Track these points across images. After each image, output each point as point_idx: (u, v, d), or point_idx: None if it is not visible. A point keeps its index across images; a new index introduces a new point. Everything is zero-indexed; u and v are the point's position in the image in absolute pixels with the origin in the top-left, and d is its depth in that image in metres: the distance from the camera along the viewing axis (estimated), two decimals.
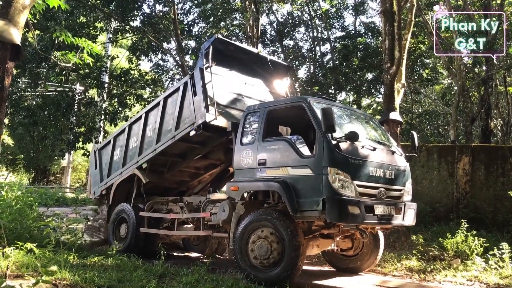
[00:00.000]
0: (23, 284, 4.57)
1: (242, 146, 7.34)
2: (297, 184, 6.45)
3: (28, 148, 31.34)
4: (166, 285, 5.76)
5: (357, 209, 6.20)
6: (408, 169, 7.45)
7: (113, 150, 10.42)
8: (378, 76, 19.28)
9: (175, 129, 8.67)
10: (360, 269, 8.04)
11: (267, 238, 6.55)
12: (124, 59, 21.32)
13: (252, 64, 9.47)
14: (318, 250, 7.33)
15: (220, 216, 7.42)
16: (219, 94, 8.31)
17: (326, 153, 6.25)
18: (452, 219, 10.90)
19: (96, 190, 10.78)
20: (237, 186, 7.26)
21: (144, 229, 9.17)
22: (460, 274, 7.81)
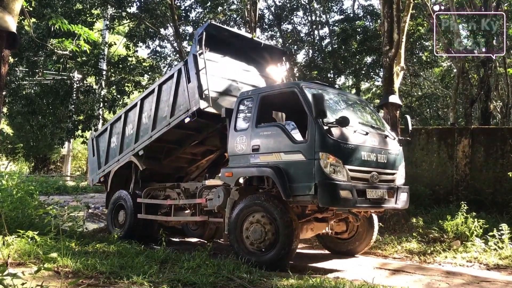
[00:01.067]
0: (25, 271, 4.58)
1: (236, 132, 7.40)
2: (290, 169, 6.54)
3: (27, 137, 31.31)
4: (168, 271, 5.79)
5: (349, 193, 6.30)
6: (401, 153, 7.52)
7: (110, 138, 10.45)
8: (377, 60, 19.19)
9: (170, 116, 8.69)
10: (355, 252, 8.13)
11: (260, 222, 6.67)
12: (122, 46, 21.12)
13: (246, 50, 9.44)
14: (312, 233, 7.45)
15: (215, 202, 7.52)
16: (214, 81, 8.31)
17: (318, 138, 6.34)
18: (452, 201, 10.94)
19: (95, 177, 10.85)
20: (231, 172, 7.33)
21: (142, 215, 9.23)
22: (460, 255, 7.87)
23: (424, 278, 6.45)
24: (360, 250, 8.13)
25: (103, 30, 22.27)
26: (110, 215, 9.94)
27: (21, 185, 9.65)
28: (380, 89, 22.28)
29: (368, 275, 5.86)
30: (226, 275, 5.58)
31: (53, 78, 20.18)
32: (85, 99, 19.82)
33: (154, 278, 5.37)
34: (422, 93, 25.97)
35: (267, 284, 5.33)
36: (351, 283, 5.38)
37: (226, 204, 7.28)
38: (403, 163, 7.53)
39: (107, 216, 10.18)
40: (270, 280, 5.48)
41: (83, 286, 4.84)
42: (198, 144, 9.26)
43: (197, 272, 5.65)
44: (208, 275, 5.52)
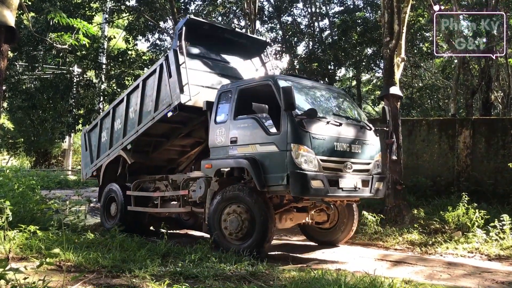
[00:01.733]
0: (27, 266, 4.61)
1: (216, 124, 7.57)
2: (265, 161, 6.74)
3: (28, 131, 31.29)
4: (169, 264, 5.81)
5: (320, 183, 6.48)
6: (377, 143, 7.66)
7: (100, 132, 10.59)
8: (378, 51, 19.11)
9: (154, 111, 8.79)
10: (337, 241, 8.27)
11: (237, 212, 6.87)
12: (121, 40, 21.06)
13: (228, 42, 9.51)
14: (291, 223, 7.59)
15: (197, 193, 7.72)
16: (195, 74, 8.42)
17: (290, 130, 6.52)
18: (453, 192, 10.94)
19: (88, 172, 10.99)
20: (210, 163, 7.56)
21: (132, 207, 9.38)
22: (461, 246, 7.87)
23: (425, 269, 6.46)
24: (342, 239, 8.26)
25: (102, 23, 22.21)
26: (103, 208, 10.08)
27: (22, 180, 9.67)
28: (381, 81, 22.22)
29: (369, 266, 5.87)
30: (228, 268, 5.60)
31: (53, 73, 20.15)
32: (85, 93, 19.79)
33: (156, 271, 5.39)
34: (422, 84, 25.89)
35: (269, 276, 5.34)
36: (353, 274, 5.39)
37: (207, 195, 7.46)
38: (380, 153, 7.67)
39: (100, 209, 10.34)
40: (272, 273, 5.49)
41: (85, 280, 4.85)
42: (185, 136, 9.35)
43: (199, 265, 5.67)
44: (210, 268, 5.54)
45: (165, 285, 4.56)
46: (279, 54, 21.50)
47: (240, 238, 6.85)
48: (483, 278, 5.94)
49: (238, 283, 4.87)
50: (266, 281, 5.04)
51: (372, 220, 9.12)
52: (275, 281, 4.97)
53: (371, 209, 10.03)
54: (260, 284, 4.85)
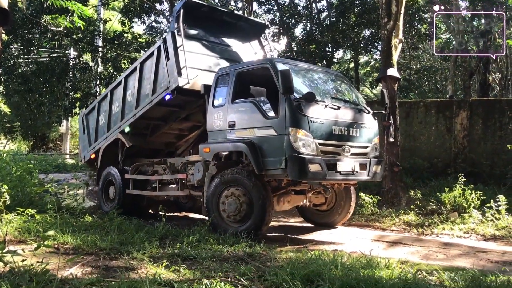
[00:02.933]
0: (25, 249, 4.63)
1: (214, 108, 7.55)
2: (263, 145, 6.75)
3: (25, 115, 31.19)
4: (168, 246, 5.85)
5: (318, 166, 6.48)
6: (375, 126, 7.64)
7: (98, 115, 10.53)
8: (376, 33, 18.93)
9: (152, 94, 8.75)
10: (334, 223, 8.33)
11: (236, 195, 6.90)
12: (117, 22, 20.83)
13: (227, 25, 9.41)
14: (289, 205, 7.64)
15: (195, 177, 7.74)
16: (193, 57, 8.33)
17: (288, 114, 6.50)
18: (450, 174, 10.99)
19: (86, 155, 10.95)
20: (208, 147, 7.55)
21: (130, 190, 9.39)
22: (457, 227, 7.94)
23: (421, 250, 6.53)
24: (339, 221, 8.32)
25: (97, 6, 21.94)
26: (101, 191, 10.09)
27: (20, 164, 9.66)
28: (379, 62, 22.11)
29: (366, 247, 5.91)
30: (226, 249, 5.64)
31: (49, 56, 19.97)
32: (82, 77, 19.63)
33: (154, 253, 5.43)
34: (420, 66, 25.79)
35: (266, 257, 5.38)
36: (349, 255, 5.44)
37: (205, 179, 7.47)
38: (378, 136, 7.68)
39: (98, 192, 10.32)
40: (269, 254, 5.54)
41: (83, 262, 4.88)
42: (183, 120, 9.31)
43: (197, 247, 5.71)
44: (208, 249, 5.57)
45: (163, 266, 4.60)
46: (277, 36, 21.30)
47: (238, 221, 6.89)
48: (478, 258, 6.01)
49: (235, 264, 4.90)
50: (264, 262, 5.08)
51: (369, 202, 9.17)
52: (273, 262, 5.01)
53: (368, 190, 10.08)
54: (257, 265, 4.89)
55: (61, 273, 4.20)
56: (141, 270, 4.66)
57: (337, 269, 4.46)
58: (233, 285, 4.07)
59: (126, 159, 9.89)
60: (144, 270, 4.62)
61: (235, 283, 4.14)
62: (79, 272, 4.45)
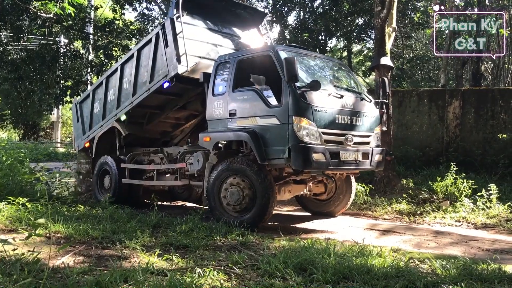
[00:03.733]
0: (16, 238, 4.59)
1: (214, 96, 7.42)
2: (265, 134, 6.64)
3: (15, 103, 30.94)
4: (160, 235, 5.84)
5: (321, 156, 6.42)
6: (377, 115, 7.59)
7: (92, 103, 10.38)
8: (369, 21, 18.90)
9: (149, 81, 8.64)
10: (334, 212, 8.30)
11: (238, 185, 6.80)
12: (108, 9, 20.60)
13: (226, 12, 9.31)
14: (290, 195, 7.60)
15: (195, 166, 7.64)
16: (192, 44, 8.21)
17: (292, 103, 6.39)
18: (442, 163, 11.05)
19: (80, 143, 10.83)
20: (209, 136, 7.43)
21: (126, 180, 9.30)
22: (449, 215, 7.99)
23: (413, 238, 6.56)
24: (338, 211, 8.30)
25: None
26: (96, 180, 9.98)
27: (10, 152, 9.57)
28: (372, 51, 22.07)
29: (358, 235, 5.94)
30: (219, 238, 5.64)
31: (39, 43, 19.74)
32: (73, 64, 19.43)
33: (146, 242, 5.41)
34: (413, 55, 25.80)
35: (259, 246, 5.39)
36: (342, 243, 5.46)
37: (205, 168, 7.38)
38: (379, 125, 7.64)
39: (93, 181, 10.23)
40: (262, 242, 5.54)
41: (76, 251, 4.86)
42: (180, 108, 9.23)
43: (190, 236, 5.70)
44: (201, 238, 5.57)
45: (156, 255, 4.59)
46: (270, 24, 21.17)
47: (240, 211, 6.80)
48: (469, 246, 6.05)
49: (228, 253, 4.90)
50: (257, 251, 5.08)
51: (361, 191, 9.21)
52: (265, 251, 5.01)
53: (360, 179, 10.09)
54: (250, 253, 4.89)
55: (52, 262, 4.18)
56: (133, 259, 4.65)
57: (329, 257, 4.47)
58: (226, 274, 4.07)
59: (120, 148, 9.78)
60: (136, 259, 4.61)
61: (228, 272, 4.14)
62: (71, 261, 4.42)
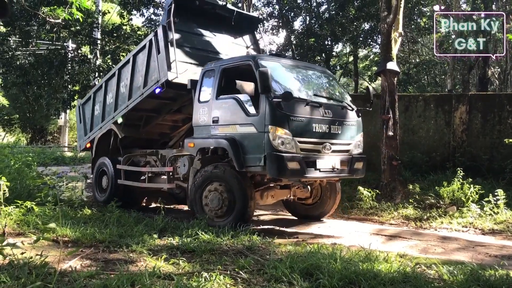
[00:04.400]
0: (24, 241, 4.62)
1: (200, 103, 7.60)
2: (244, 141, 6.80)
3: (23, 108, 31.12)
4: (167, 239, 5.85)
5: (296, 164, 6.56)
6: (359, 123, 7.66)
7: (93, 106, 10.67)
8: (375, 26, 18.91)
9: (143, 86, 8.84)
10: (320, 216, 8.39)
11: (218, 191, 6.98)
12: (116, 14, 20.73)
13: (219, 19, 9.46)
14: (273, 200, 7.72)
15: (181, 170, 7.88)
16: (184, 51, 8.47)
17: (268, 112, 6.54)
18: (449, 168, 11.00)
19: (82, 144, 11.18)
20: (193, 142, 7.64)
21: (122, 181, 9.45)
22: (455, 221, 7.96)
23: (420, 243, 6.54)
24: (324, 215, 8.38)
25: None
26: (95, 180, 10.18)
27: (18, 156, 9.64)
28: (378, 56, 22.08)
29: (364, 241, 5.92)
30: (225, 242, 5.65)
31: (47, 48, 19.87)
32: (80, 69, 19.56)
33: (153, 246, 5.43)
34: (420, 60, 25.75)
35: (265, 251, 5.39)
36: (348, 248, 5.45)
37: (190, 173, 7.59)
38: (361, 133, 7.69)
39: (92, 181, 10.45)
40: (268, 247, 5.54)
41: (83, 255, 4.88)
42: (176, 112, 9.39)
43: (196, 240, 5.71)
44: (207, 242, 5.58)
45: (162, 259, 4.60)
46: (276, 30, 21.27)
47: (220, 215, 6.96)
48: (476, 252, 6.02)
49: (234, 257, 4.91)
50: (263, 255, 5.08)
51: (367, 196, 9.19)
52: (272, 255, 5.01)
53: (367, 184, 10.09)
54: (256, 258, 4.89)
55: (60, 266, 4.20)
56: (140, 263, 4.67)
57: (336, 262, 4.46)
58: (232, 278, 4.08)
59: (120, 149, 9.97)
60: (143, 263, 4.63)
61: (234, 276, 4.15)
62: (78, 265, 4.45)
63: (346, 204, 9.50)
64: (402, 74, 20.71)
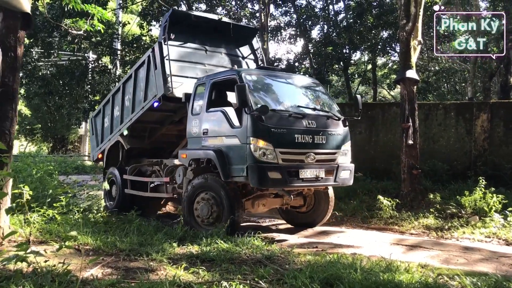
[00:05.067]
0: (47, 249, 4.69)
1: (192, 116, 7.91)
2: (229, 153, 7.07)
3: (45, 117, 31.68)
4: (186, 248, 5.87)
5: (278, 174, 6.74)
6: (345, 132, 7.77)
7: (103, 118, 11.16)
8: (394, 34, 18.79)
9: (144, 100, 9.21)
10: (315, 223, 8.51)
11: (208, 200, 7.25)
12: (135, 25, 21.05)
13: (216, 31, 9.76)
14: (265, 208, 7.92)
15: (177, 180, 8.25)
16: (180, 65, 8.81)
17: (249, 124, 6.79)
18: (470, 177, 10.83)
19: (94, 154, 11.72)
20: (185, 153, 7.96)
21: (128, 190, 9.78)
22: (478, 231, 7.81)
23: (442, 254, 6.44)
24: (318, 222, 8.48)
25: (116, 9, 22.19)
26: (105, 189, 10.38)
27: (40, 165, 9.81)
28: (397, 64, 21.94)
29: (385, 251, 5.87)
30: (244, 252, 5.65)
31: (69, 59, 20.27)
32: (101, 79, 19.90)
33: (173, 254, 5.46)
34: (439, 68, 25.49)
35: (285, 260, 5.37)
36: (368, 258, 5.40)
37: (183, 183, 7.90)
38: (348, 142, 7.77)
39: (103, 190, 10.69)
40: (287, 257, 5.52)
41: (104, 263, 4.93)
42: (178, 122, 9.60)
43: (216, 249, 5.72)
44: (226, 251, 5.58)
45: (182, 268, 4.62)
46: (293, 39, 21.30)
47: (210, 224, 7.18)
48: (500, 263, 5.91)
49: (254, 267, 4.90)
50: (282, 265, 5.06)
51: (387, 205, 9.09)
52: (291, 265, 4.99)
53: (386, 193, 10.00)
54: (276, 267, 4.87)
55: (82, 274, 4.25)
56: (160, 271, 4.70)
57: (356, 272, 4.43)
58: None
59: (129, 158, 10.31)
60: (163, 272, 4.65)
61: (254, 286, 4.15)
62: (100, 273, 4.50)
63: (365, 213, 9.43)
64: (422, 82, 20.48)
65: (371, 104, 18.33)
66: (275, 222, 9.21)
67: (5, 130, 5.68)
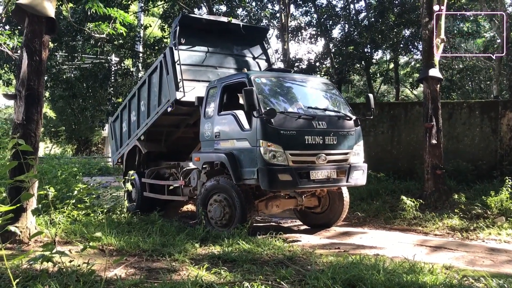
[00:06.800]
0: (72, 249, 4.78)
1: (205, 119, 7.98)
2: (240, 156, 7.14)
3: (69, 120, 32.17)
4: (208, 248, 5.90)
5: (288, 176, 6.79)
6: (358, 132, 7.74)
7: (121, 123, 11.35)
8: (416, 32, 18.55)
9: (158, 105, 9.33)
10: (330, 224, 8.47)
11: (221, 202, 7.33)
12: (157, 28, 21.25)
13: (226, 33, 9.77)
14: (278, 209, 7.98)
15: (192, 183, 8.36)
16: (191, 70, 8.92)
17: (259, 127, 6.86)
18: (496, 177, 10.63)
19: (114, 159, 11.97)
20: (199, 157, 8.08)
21: (147, 193, 9.94)
22: (505, 232, 7.65)
23: (466, 255, 6.33)
24: (334, 222, 8.44)
25: (138, 12, 22.46)
26: (126, 192, 10.55)
27: (65, 167, 9.99)
28: (419, 63, 21.64)
29: (408, 252, 5.79)
30: (266, 253, 5.65)
31: (92, 62, 20.57)
32: (123, 82, 20.14)
33: (195, 255, 5.49)
34: (463, 66, 25.05)
35: (306, 261, 5.35)
36: (391, 260, 5.34)
37: (198, 186, 8.02)
38: (361, 142, 7.74)
39: (124, 193, 10.86)
40: (309, 258, 5.50)
41: (127, 263, 4.99)
42: (193, 125, 9.69)
43: (237, 250, 5.73)
44: (248, 252, 5.59)
45: (204, 268, 4.65)
46: (314, 38, 21.22)
47: (223, 225, 7.26)
48: None
49: (275, 268, 4.90)
50: (304, 266, 5.05)
51: (410, 205, 8.98)
52: (313, 266, 4.98)
53: (409, 194, 9.87)
54: (297, 268, 4.86)
55: (106, 274, 4.31)
56: (182, 271, 4.73)
57: (379, 274, 4.38)
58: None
59: (148, 162, 10.43)
60: (185, 272, 4.69)
61: (275, 287, 4.14)
62: (123, 273, 4.56)
63: (388, 214, 9.32)
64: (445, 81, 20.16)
65: (393, 104, 18.13)
66: (296, 223, 9.16)
67: (31, 133, 5.81)
